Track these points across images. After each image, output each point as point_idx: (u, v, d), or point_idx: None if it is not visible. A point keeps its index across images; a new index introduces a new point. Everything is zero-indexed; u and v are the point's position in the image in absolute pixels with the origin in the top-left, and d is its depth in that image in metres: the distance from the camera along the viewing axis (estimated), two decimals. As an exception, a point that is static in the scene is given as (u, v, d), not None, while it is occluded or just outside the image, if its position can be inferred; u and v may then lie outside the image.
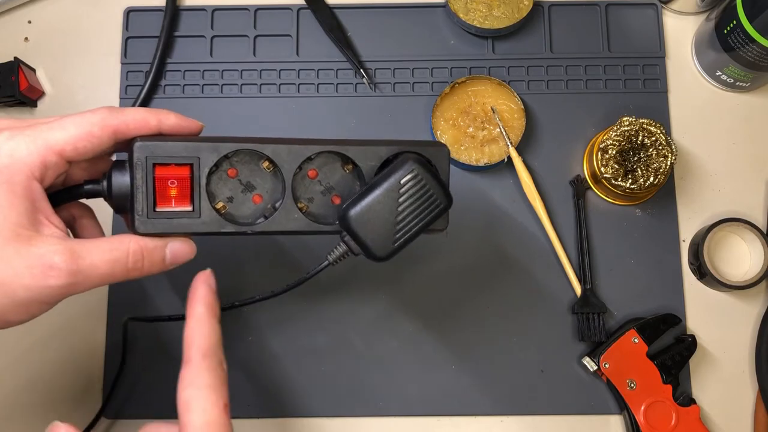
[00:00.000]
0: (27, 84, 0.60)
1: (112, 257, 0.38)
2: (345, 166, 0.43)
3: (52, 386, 0.57)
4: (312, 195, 0.43)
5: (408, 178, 0.40)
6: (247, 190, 0.42)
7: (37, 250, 0.36)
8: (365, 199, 0.41)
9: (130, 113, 0.39)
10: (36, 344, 0.57)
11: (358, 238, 0.41)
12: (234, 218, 0.41)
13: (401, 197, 0.40)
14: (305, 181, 0.42)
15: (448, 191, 0.42)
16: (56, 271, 0.36)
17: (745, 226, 0.57)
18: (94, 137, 0.38)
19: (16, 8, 0.64)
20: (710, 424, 0.57)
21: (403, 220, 0.41)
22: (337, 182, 0.43)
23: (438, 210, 0.42)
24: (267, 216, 0.42)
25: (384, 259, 0.41)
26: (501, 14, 0.62)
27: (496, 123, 0.60)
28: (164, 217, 0.39)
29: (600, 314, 0.57)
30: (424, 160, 0.42)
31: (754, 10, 0.53)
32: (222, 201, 0.41)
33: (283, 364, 0.57)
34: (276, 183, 0.42)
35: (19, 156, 0.36)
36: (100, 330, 0.58)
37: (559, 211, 0.60)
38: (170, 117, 0.41)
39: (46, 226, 0.37)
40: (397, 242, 0.41)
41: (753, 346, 0.58)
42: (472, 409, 0.57)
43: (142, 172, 0.39)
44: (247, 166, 0.41)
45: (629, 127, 0.56)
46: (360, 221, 0.40)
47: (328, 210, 0.43)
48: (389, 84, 0.62)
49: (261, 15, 0.64)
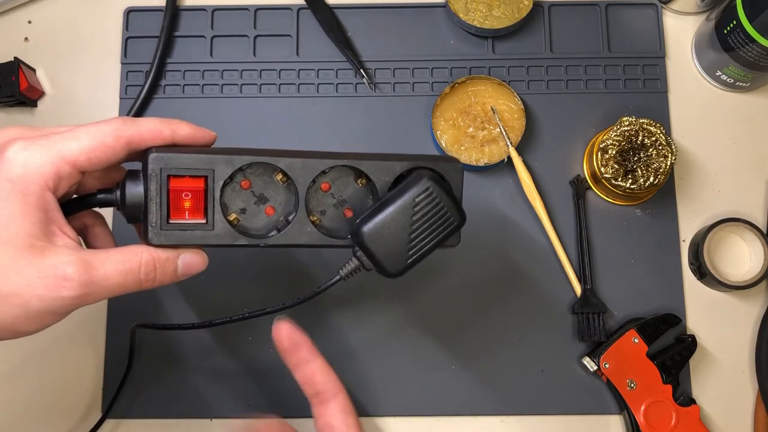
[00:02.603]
0: (27, 84, 0.60)
1: (124, 268, 0.38)
2: (358, 180, 0.43)
3: (53, 388, 0.57)
4: (324, 208, 0.43)
5: (422, 195, 0.40)
6: (260, 202, 0.41)
7: (50, 261, 0.36)
8: (379, 215, 0.40)
9: (144, 123, 0.39)
10: (36, 346, 0.57)
11: (371, 253, 0.41)
12: (247, 230, 0.41)
13: (415, 214, 0.40)
14: (318, 194, 0.42)
15: (461, 208, 0.42)
16: (69, 282, 0.36)
17: (745, 226, 0.57)
18: (108, 147, 0.38)
19: (16, 8, 0.64)
20: (710, 424, 0.57)
21: (417, 237, 0.41)
22: (350, 196, 0.43)
23: (452, 227, 0.41)
24: (280, 229, 0.42)
25: (396, 275, 0.41)
26: (501, 14, 0.62)
27: (496, 123, 0.60)
28: (177, 228, 0.39)
29: (600, 314, 0.57)
30: (438, 177, 0.42)
31: (754, 10, 0.53)
32: (235, 212, 0.41)
33: (284, 364, 0.57)
34: (289, 195, 0.42)
35: (33, 167, 0.36)
36: (100, 333, 0.58)
37: (559, 211, 0.60)
38: (184, 127, 0.41)
39: (60, 236, 0.37)
40: (409, 259, 0.41)
41: (753, 346, 0.58)
42: (472, 409, 0.57)
43: (156, 184, 0.39)
44: (260, 178, 0.41)
45: (629, 127, 0.56)
46: (373, 237, 0.40)
47: (340, 223, 0.43)
48: (389, 84, 0.62)
49: (261, 15, 0.64)
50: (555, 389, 0.57)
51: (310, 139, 0.61)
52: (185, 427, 0.57)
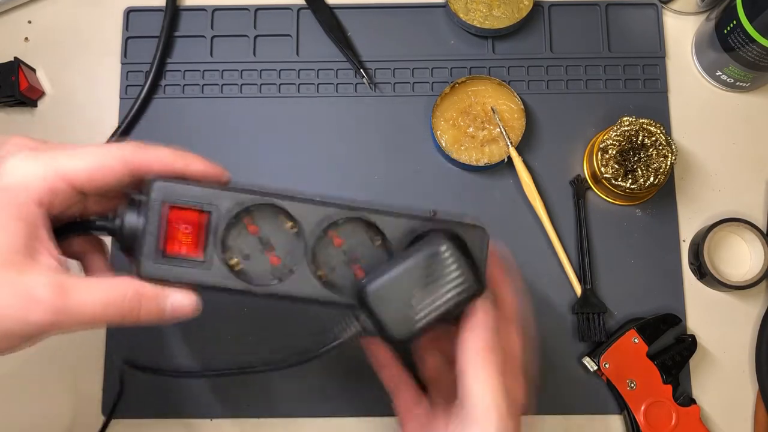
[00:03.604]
0: (27, 84, 0.60)
1: (106, 299, 0.35)
2: (373, 238, 0.40)
3: (53, 390, 0.57)
4: (334, 264, 0.40)
5: (437, 257, 0.37)
6: (266, 249, 0.39)
7: (25, 280, 0.33)
8: (387, 274, 0.37)
9: (156, 153, 0.38)
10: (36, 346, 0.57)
11: (375, 316, 0.37)
12: (246, 275, 0.39)
13: (427, 276, 0.37)
14: (329, 248, 0.39)
15: (480, 277, 0.38)
16: (40, 305, 0.33)
17: (745, 226, 0.57)
18: (111, 171, 0.36)
19: (16, 8, 0.64)
20: (710, 424, 0.57)
21: (427, 302, 0.37)
22: (363, 254, 0.40)
23: (467, 295, 0.38)
24: (281, 279, 0.39)
25: (402, 342, 0.38)
26: (501, 14, 0.62)
27: (496, 123, 0.60)
28: (172, 264, 0.37)
29: (600, 314, 0.57)
30: (458, 238, 0.39)
31: (754, 10, 0.53)
32: (237, 258, 0.39)
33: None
34: (297, 245, 0.39)
35: (28, 179, 0.35)
36: (100, 332, 0.58)
37: (559, 211, 0.60)
38: (197, 164, 0.39)
39: (42, 255, 0.34)
40: (417, 323, 0.37)
41: (753, 346, 0.58)
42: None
43: (155, 213, 0.37)
44: (268, 223, 0.39)
45: (629, 127, 0.56)
46: (378, 298, 0.37)
47: (349, 282, 0.40)
48: (389, 84, 0.62)
49: (261, 15, 0.64)
50: (555, 389, 0.57)
51: (310, 139, 0.61)
52: (185, 427, 0.57)
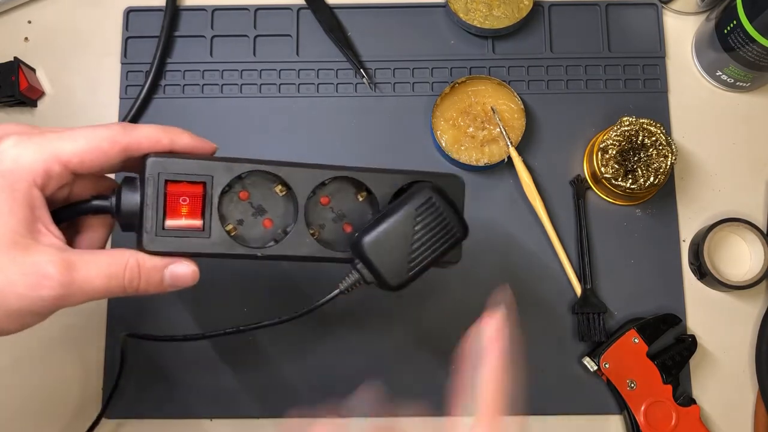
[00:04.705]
0: (27, 84, 0.60)
1: (109, 271, 0.37)
2: (358, 194, 0.42)
3: (53, 391, 0.57)
4: (323, 222, 0.42)
5: (424, 206, 0.40)
6: (258, 214, 0.41)
7: (32, 259, 0.35)
8: (380, 226, 0.40)
9: (143, 131, 0.39)
10: (35, 346, 0.57)
11: (372, 265, 0.40)
12: (244, 241, 0.40)
13: (417, 225, 0.40)
14: (317, 207, 0.41)
15: (464, 221, 0.41)
16: (50, 281, 0.35)
17: (745, 226, 0.57)
18: (103, 152, 0.37)
19: (16, 8, 0.64)
20: (710, 424, 0.57)
21: (418, 249, 0.40)
22: (350, 210, 0.42)
23: (454, 239, 0.41)
24: (278, 240, 0.40)
25: (397, 288, 0.41)
26: (501, 14, 0.62)
27: (496, 123, 0.60)
28: (173, 235, 0.38)
29: (600, 314, 0.57)
30: (440, 189, 0.41)
31: (754, 10, 0.53)
32: (232, 224, 0.40)
33: (284, 364, 0.57)
34: (288, 207, 0.41)
35: (23, 162, 0.36)
36: (100, 332, 0.58)
37: (559, 211, 0.60)
38: (183, 137, 0.40)
39: (45, 234, 0.36)
40: (411, 271, 0.40)
41: (753, 346, 0.58)
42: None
43: (153, 188, 0.38)
44: (259, 189, 0.40)
45: (629, 127, 0.56)
46: (374, 248, 0.40)
47: (338, 237, 0.42)
48: (389, 84, 0.62)
49: (261, 15, 0.64)
50: (555, 389, 0.57)
51: (309, 139, 0.61)
52: (185, 427, 0.57)
